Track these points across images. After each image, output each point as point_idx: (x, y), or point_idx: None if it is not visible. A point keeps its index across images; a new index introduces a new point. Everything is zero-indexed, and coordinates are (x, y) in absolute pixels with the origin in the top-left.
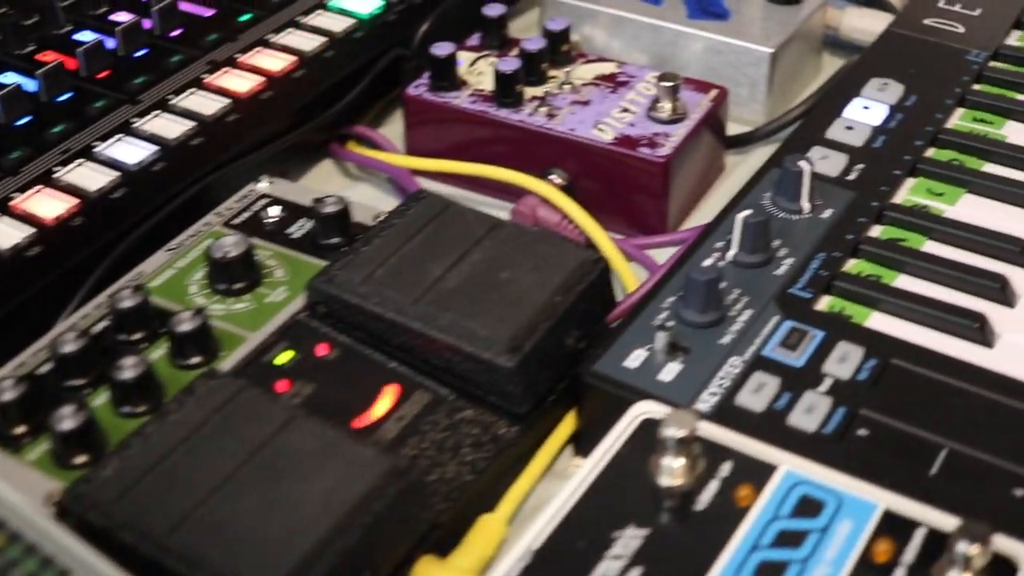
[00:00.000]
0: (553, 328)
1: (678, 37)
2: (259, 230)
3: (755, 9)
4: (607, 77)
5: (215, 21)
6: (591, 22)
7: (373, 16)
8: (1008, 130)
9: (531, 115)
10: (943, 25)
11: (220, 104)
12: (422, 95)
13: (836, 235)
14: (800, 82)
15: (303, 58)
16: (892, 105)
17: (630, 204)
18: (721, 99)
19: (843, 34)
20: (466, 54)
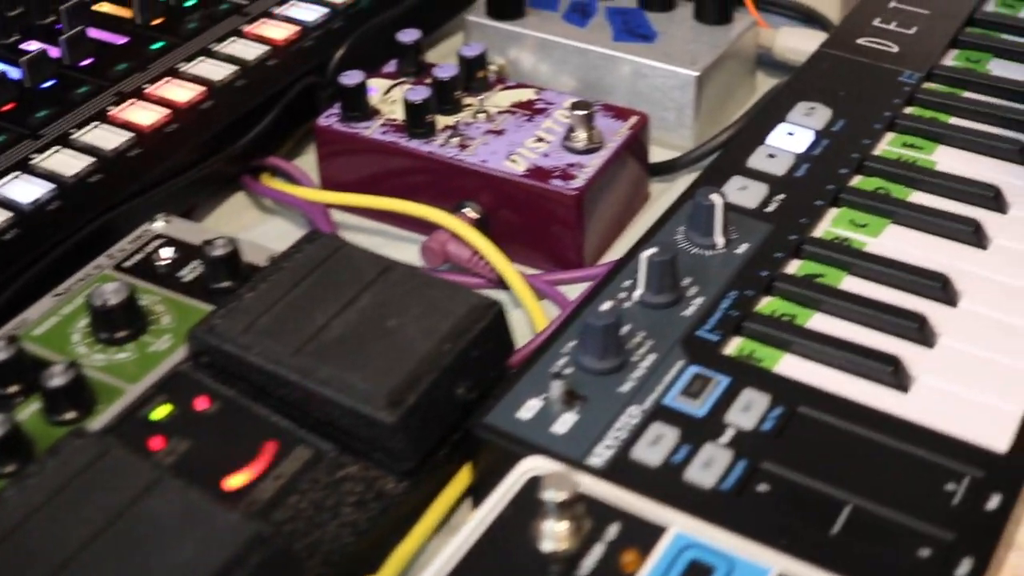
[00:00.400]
0: (440, 379)
1: (604, 60)
2: (150, 273)
3: (683, 30)
4: (524, 104)
5: (127, 50)
6: (517, 45)
7: (288, 42)
8: (939, 155)
9: (443, 146)
10: (877, 45)
11: (122, 138)
12: (332, 125)
13: (750, 271)
14: (732, 104)
15: (212, 88)
16: (818, 131)
17: (545, 238)
18: (641, 126)
19: (777, 54)
20: (381, 82)
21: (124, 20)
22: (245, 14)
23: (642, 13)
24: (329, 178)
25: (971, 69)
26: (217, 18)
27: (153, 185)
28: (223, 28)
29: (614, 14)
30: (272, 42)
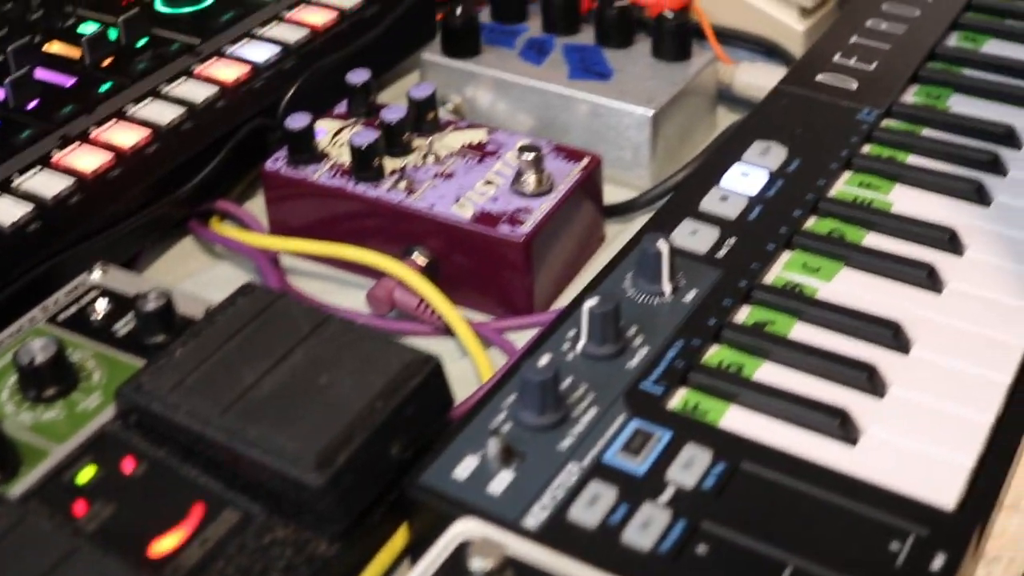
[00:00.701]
0: (372, 438)
1: (559, 99)
2: (85, 326)
3: (641, 67)
4: (475, 146)
5: (74, 92)
6: (474, 84)
7: (238, 83)
8: (895, 195)
9: (390, 190)
10: (836, 81)
11: (64, 184)
12: (280, 170)
13: (697, 320)
14: (692, 140)
15: (158, 132)
16: (773, 171)
17: (494, 283)
18: (593, 168)
19: (736, 90)
20: (330, 123)
21: (73, 61)
22: (197, 53)
23: (599, 50)
24: (277, 222)
25: (931, 106)
26: (168, 58)
27: (94, 233)
28: (173, 68)
29: (571, 51)
30: (222, 83)
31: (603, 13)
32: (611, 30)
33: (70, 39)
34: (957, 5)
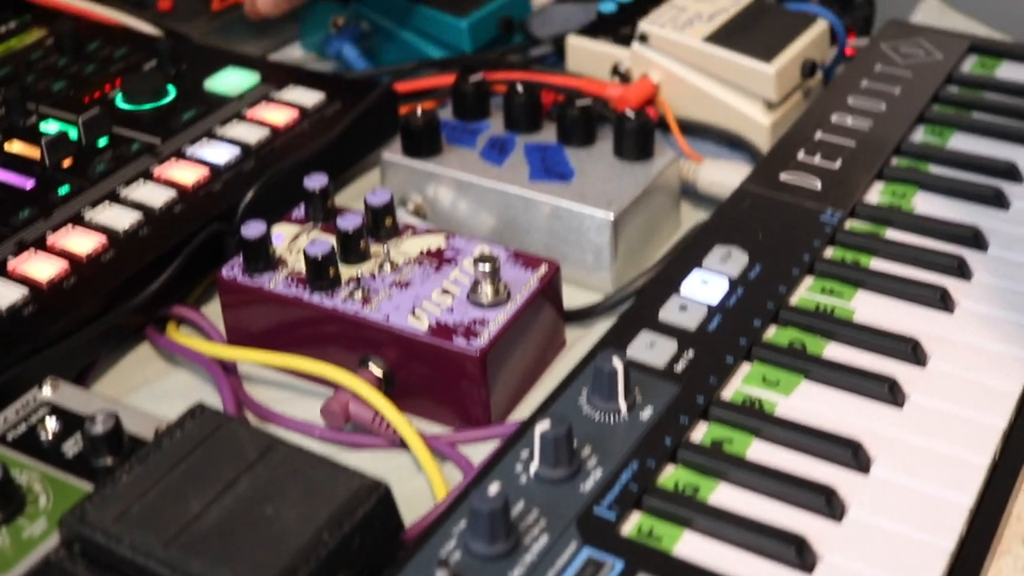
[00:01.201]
0: (317, 571)
1: (520, 201)
2: (34, 446)
3: (602, 167)
4: (433, 253)
5: (32, 195)
6: (434, 183)
7: (197, 186)
8: (858, 302)
9: (345, 300)
10: (800, 181)
11: (19, 295)
12: (236, 277)
13: (653, 439)
14: (656, 240)
15: (115, 238)
16: (733, 279)
17: (451, 395)
18: (552, 275)
19: (700, 188)
20: (287, 228)
21: (33, 162)
22: (156, 154)
23: (561, 149)
24: (234, 328)
25: (895, 206)
26: (128, 158)
27: (48, 345)
28: (133, 169)
29: (532, 151)
30: (181, 187)
31: (565, 112)
32: (573, 129)
33: (31, 138)
34: (924, 98)
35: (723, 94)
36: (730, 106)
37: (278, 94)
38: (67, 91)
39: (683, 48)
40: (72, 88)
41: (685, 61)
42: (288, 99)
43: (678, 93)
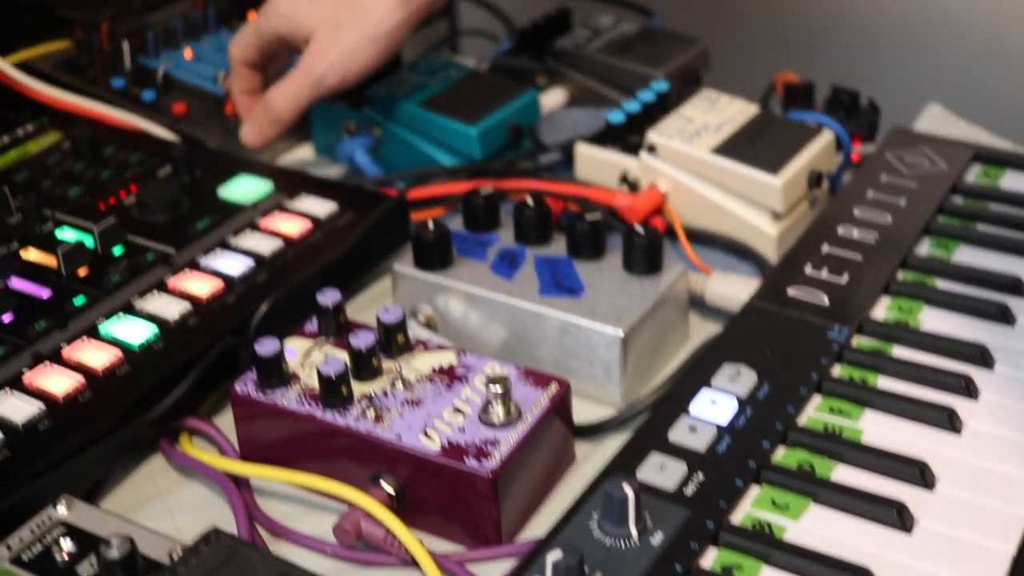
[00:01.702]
0: None
1: (530, 316)
2: (50, 568)
3: (611, 282)
4: (444, 370)
5: (48, 304)
6: (445, 295)
7: (211, 298)
8: (866, 422)
9: (358, 419)
10: (807, 296)
11: (35, 409)
12: (249, 393)
13: (664, 565)
14: (664, 353)
15: (128, 352)
16: (742, 398)
17: (462, 514)
18: (562, 394)
19: (709, 301)
20: (300, 342)
21: (49, 270)
22: (171, 264)
23: (571, 263)
24: (246, 441)
25: (902, 322)
26: (143, 268)
27: (63, 460)
28: (148, 280)
29: (542, 264)
30: (195, 298)
31: (575, 226)
32: (583, 243)
33: (47, 245)
34: (929, 209)
35: (730, 204)
36: (737, 216)
37: (291, 203)
38: (83, 197)
39: (691, 159)
40: (88, 194)
41: (693, 171)
42: (301, 209)
43: (686, 202)
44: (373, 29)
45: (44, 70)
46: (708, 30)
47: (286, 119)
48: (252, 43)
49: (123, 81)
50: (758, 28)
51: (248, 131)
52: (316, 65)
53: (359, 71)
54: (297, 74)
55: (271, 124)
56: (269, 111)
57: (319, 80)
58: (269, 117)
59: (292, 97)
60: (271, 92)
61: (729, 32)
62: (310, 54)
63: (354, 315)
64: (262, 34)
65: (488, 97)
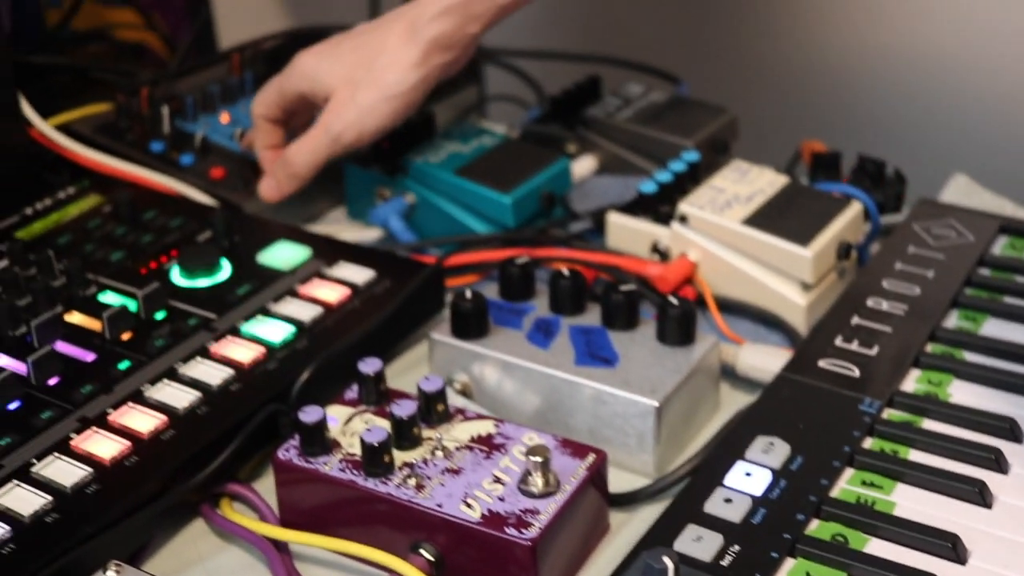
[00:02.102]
0: None
1: (565, 385)
2: None
3: (645, 352)
4: (483, 439)
5: (93, 368)
6: (480, 363)
7: (253, 364)
8: (898, 495)
9: (399, 486)
10: (838, 368)
11: (82, 473)
12: (291, 459)
13: None
14: (696, 422)
15: (173, 417)
16: (776, 470)
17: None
18: (599, 463)
19: (740, 371)
20: (341, 410)
21: (93, 334)
22: (213, 329)
23: (605, 332)
24: (287, 506)
25: (932, 395)
26: (185, 333)
27: (111, 524)
28: (190, 346)
29: (577, 334)
30: (237, 364)
31: (609, 297)
32: (617, 313)
33: (90, 309)
34: (957, 281)
35: (760, 275)
36: (767, 286)
37: (329, 270)
38: (125, 261)
39: (722, 229)
40: (129, 258)
41: (724, 242)
42: (339, 276)
43: (716, 272)
44: (390, 89)
45: (84, 133)
46: (734, 97)
47: (304, 175)
48: (275, 100)
49: (162, 145)
50: (783, 96)
51: (266, 186)
52: (334, 123)
53: (375, 129)
54: (315, 131)
55: (289, 179)
56: (287, 166)
57: (336, 137)
58: (287, 172)
59: (310, 154)
60: (290, 148)
61: (755, 99)
62: (328, 112)
63: (389, 381)
64: (284, 92)
65: (521, 165)
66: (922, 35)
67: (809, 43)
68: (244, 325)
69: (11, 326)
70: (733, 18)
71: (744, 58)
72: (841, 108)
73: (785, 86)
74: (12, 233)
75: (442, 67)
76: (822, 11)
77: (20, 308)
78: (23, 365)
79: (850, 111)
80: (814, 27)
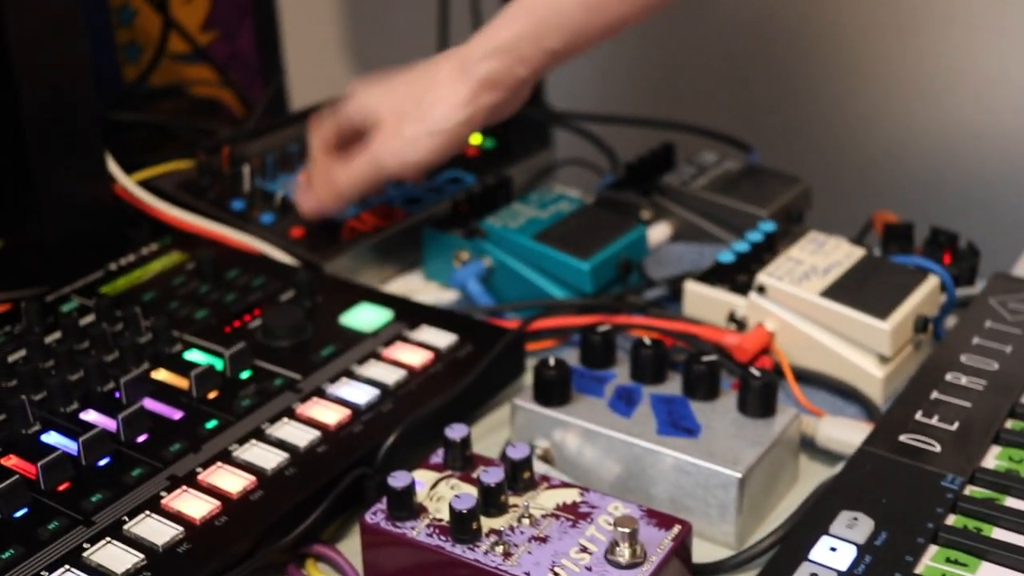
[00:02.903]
0: None
1: (647, 453)
2: None
3: (726, 423)
4: (569, 507)
5: (181, 426)
6: (562, 430)
7: (339, 426)
8: (983, 574)
9: (487, 553)
10: (919, 443)
11: (173, 532)
12: (379, 524)
13: None
14: (776, 492)
15: (262, 477)
16: (860, 545)
17: None
18: (684, 535)
19: (820, 443)
20: (427, 475)
21: (180, 392)
22: (298, 390)
23: (687, 402)
24: (372, 569)
25: (1012, 471)
26: (271, 394)
27: None
28: (276, 406)
29: (659, 403)
30: (323, 426)
31: (691, 367)
32: (699, 384)
33: (176, 367)
34: None
35: (837, 346)
36: (844, 358)
37: (411, 333)
38: (209, 319)
39: (800, 301)
40: (213, 317)
41: (801, 313)
42: (422, 340)
43: (793, 342)
44: (436, 124)
45: (166, 190)
46: (805, 166)
47: (345, 194)
48: (330, 129)
49: (243, 203)
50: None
51: (307, 199)
52: (379, 151)
53: (417, 162)
54: (361, 157)
55: (330, 195)
56: (331, 184)
57: (380, 164)
58: (330, 188)
59: (354, 176)
60: (336, 168)
61: (826, 169)
62: (375, 139)
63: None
64: (340, 121)
65: (598, 232)
66: (993, 110)
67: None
68: (329, 387)
69: (99, 382)
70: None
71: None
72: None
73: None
74: (96, 288)
75: (490, 108)
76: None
77: (107, 364)
78: (111, 421)
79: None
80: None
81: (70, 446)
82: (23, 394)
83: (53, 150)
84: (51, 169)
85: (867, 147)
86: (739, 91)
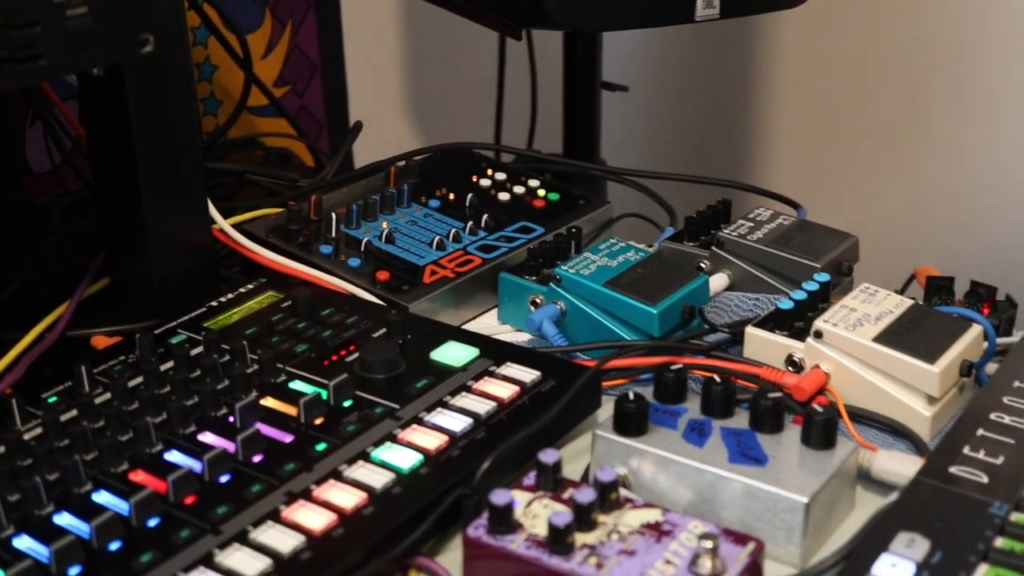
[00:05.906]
0: None
1: (718, 480)
2: None
3: (792, 454)
4: (652, 526)
5: (293, 449)
6: (639, 458)
7: (439, 451)
8: None
9: (581, 564)
10: (967, 474)
11: (296, 541)
12: (481, 537)
13: None
14: (835, 518)
15: (372, 495)
16: (918, 563)
17: None
18: (758, 552)
19: (875, 475)
20: (521, 494)
21: (289, 417)
22: (397, 418)
23: (754, 435)
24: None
25: None
26: (373, 421)
27: None
28: (379, 431)
29: (728, 435)
30: (424, 450)
31: (758, 403)
32: (765, 418)
33: (283, 395)
34: None
35: (889, 387)
36: (895, 398)
37: (498, 369)
38: (308, 353)
39: (855, 345)
40: (313, 351)
41: (856, 357)
42: (508, 375)
43: (847, 383)
44: None
45: (258, 234)
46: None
47: None
48: None
49: (330, 248)
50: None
51: None
52: None
53: None
54: None
55: None
56: None
57: None
58: None
59: None
60: None
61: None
62: None
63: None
64: None
65: (665, 280)
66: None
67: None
68: (426, 415)
69: (213, 407)
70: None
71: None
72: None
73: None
74: (200, 322)
75: None
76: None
77: (219, 391)
78: (228, 443)
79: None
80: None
81: (193, 464)
82: (147, 416)
83: (163, 198)
84: (160, 214)
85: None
86: (785, 151)
